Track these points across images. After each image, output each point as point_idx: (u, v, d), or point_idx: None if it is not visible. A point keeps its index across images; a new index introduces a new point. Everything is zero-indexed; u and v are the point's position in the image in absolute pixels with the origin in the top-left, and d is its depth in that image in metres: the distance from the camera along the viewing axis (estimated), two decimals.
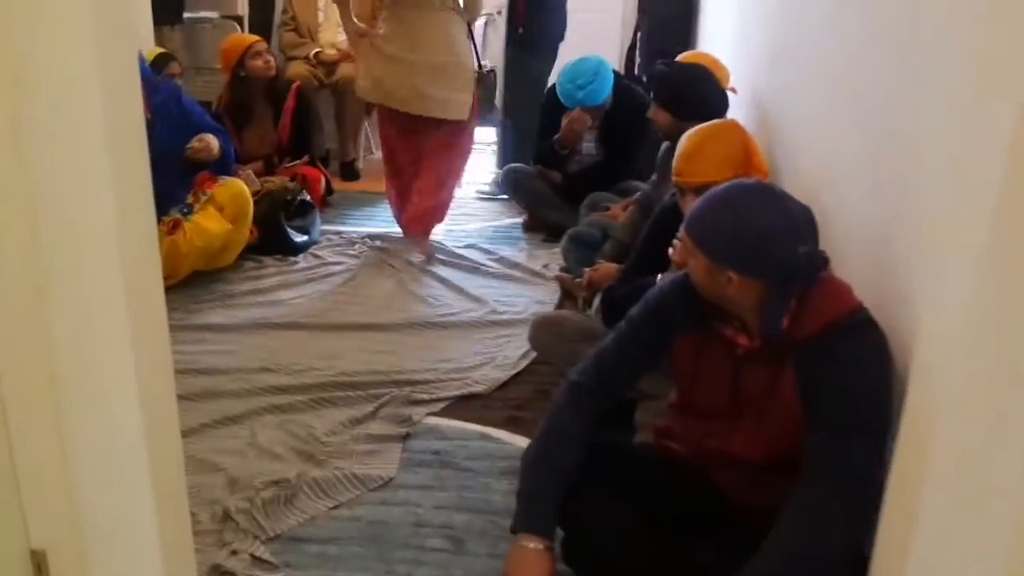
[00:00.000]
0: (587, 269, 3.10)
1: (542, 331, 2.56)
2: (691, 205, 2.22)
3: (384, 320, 3.13)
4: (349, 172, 5.06)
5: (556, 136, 3.97)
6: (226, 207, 3.42)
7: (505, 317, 3.20)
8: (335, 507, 2.09)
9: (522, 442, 2.40)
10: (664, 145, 3.15)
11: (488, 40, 5.38)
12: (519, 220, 4.33)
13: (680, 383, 1.82)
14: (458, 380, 2.71)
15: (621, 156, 3.98)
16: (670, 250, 2.27)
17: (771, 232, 1.51)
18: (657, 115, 2.83)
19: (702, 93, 2.80)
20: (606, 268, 3.06)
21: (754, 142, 2.31)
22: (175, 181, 3.34)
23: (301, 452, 2.29)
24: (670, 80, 2.81)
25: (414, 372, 2.75)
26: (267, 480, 2.12)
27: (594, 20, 5.55)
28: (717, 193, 1.61)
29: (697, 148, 2.23)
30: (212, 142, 3.41)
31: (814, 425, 1.53)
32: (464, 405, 2.61)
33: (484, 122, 4.39)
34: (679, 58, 3.40)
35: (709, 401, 1.75)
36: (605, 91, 3.85)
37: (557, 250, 3.89)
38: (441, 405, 2.58)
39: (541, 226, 4.18)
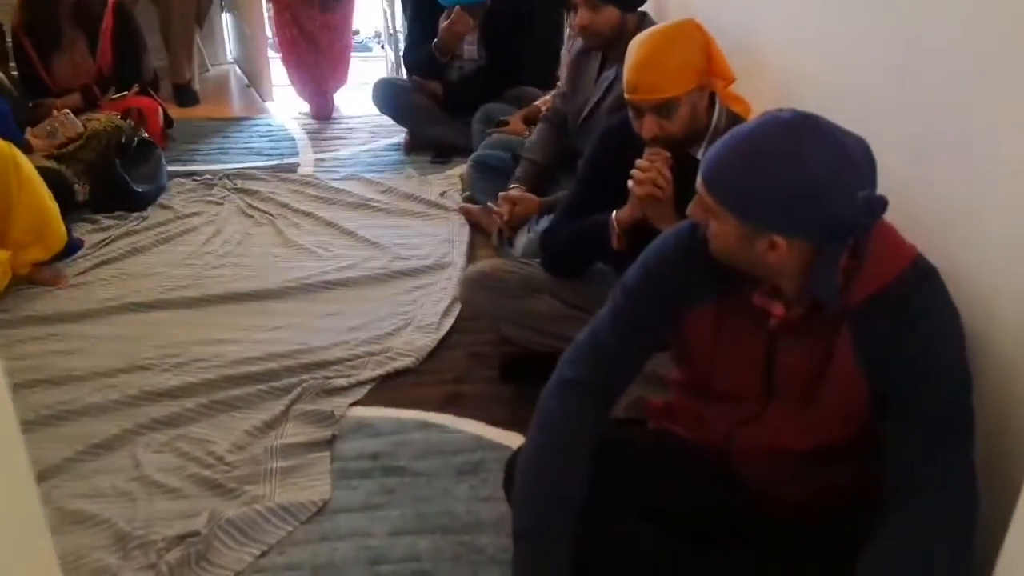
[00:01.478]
0: (502, 196, 2.68)
1: (477, 290, 2.14)
2: (649, 126, 1.86)
3: (270, 284, 2.61)
4: (186, 96, 4.34)
5: (434, 41, 3.44)
6: None
7: (412, 264, 2.75)
8: (263, 554, 1.65)
9: (470, 427, 2.02)
10: (575, 47, 2.72)
11: None
12: (397, 140, 3.81)
13: (692, 362, 1.48)
14: (378, 354, 2.27)
15: (509, 58, 3.52)
16: (630, 183, 1.88)
17: (828, 180, 1.16)
18: (597, 16, 2.40)
19: None
20: (525, 199, 2.66)
21: (715, 43, 1.92)
22: None
23: (204, 481, 1.82)
24: None
25: (322, 350, 2.28)
26: (170, 536, 1.65)
27: None
28: (745, 136, 1.22)
29: (653, 57, 1.83)
30: None
31: (890, 410, 1.26)
32: (391, 386, 2.18)
33: None
34: None
35: (734, 383, 1.43)
36: None
37: (451, 172, 3.45)
38: (364, 390, 2.14)
39: (424, 145, 3.69)
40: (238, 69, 4.92)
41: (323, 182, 3.33)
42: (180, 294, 2.56)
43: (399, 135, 3.82)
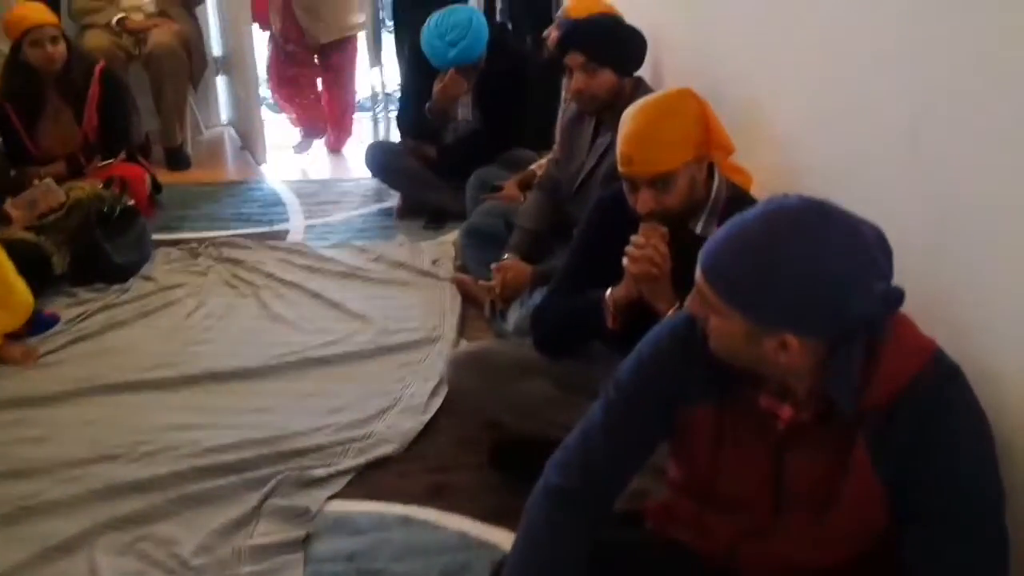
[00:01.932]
0: (495, 267, 2.57)
1: (465, 373, 2.01)
2: (645, 200, 1.76)
3: (252, 362, 2.48)
4: (177, 160, 4.26)
5: (427, 104, 3.36)
6: None
7: (400, 338, 2.62)
8: None
9: (455, 523, 1.89)
10: (569, 111, 2.64)
11: None
12: (391, 205, 3.72)
13: (692, 464, 1.34)
14: (359, 440, 2.13)
15: (503, 121, 3.43)
16: (625, 260, 1.77)
17: (844, 274, 1.05)
18: (593, 80, 2.31)
19: (638, 45, 2.33)
20: (517, 268, 2.54)
21: (713, 112, 1.83)
22: None
23: None
24: (607, 33, 2.33)
25: (302, 435, 2.15)
26: None
27: None
28: (750, 225, 1.11)
29: (648, 128, 1.73)
30: None
31: (914, 528, 1.13)
32: (373, 475, 2.04)
33: None
34: (572, 3, 2.88)
35: (738, 491, 1.30)
36: (480, 46, 3.26)
37: (444, 239, 3.34)
38: (344, 481, 2.01)
39: (417, 210, 3.59)
40: (233, 131, 4.87)
41: (312, 250, 3.22)
42: (157, 374, 2.43)
43: (393, 199, 3.72)
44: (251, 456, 2.05)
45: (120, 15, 4.12)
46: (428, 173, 3.51)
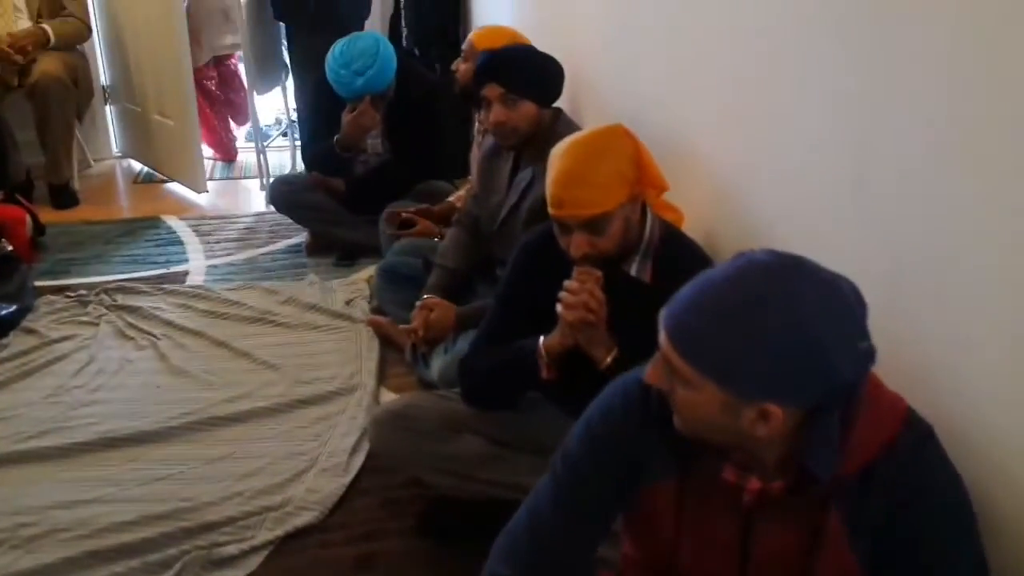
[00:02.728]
0: (418, 307, 2.42)
1: (388, 432, 1.86)
2: (578, 244, 1.66)
3: (150, 423, 2.26)
4: (63, 197, 3.96)
5: (336, 137, 3.19)
6: None
7: (315, 389, 2.45)
8: None
9: None
10: (486, 145, 2.53)
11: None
12: (299, 240, 3.53)
13: (650, 541, 1.24)
14: (276, 509, 1.95)
15: (415, 151, 3.29)
16: (558, 307, 1.66)
17: (829, 335, 0.97)
18: (513, 112, 2.20)
19: (557, 74, 2.24)
20: (441, 308, 2.41)
21: (645, 149, 1.74)
22: None
23: None
24: (526, 63, 2.23)
25: (210, 506, 1.95)
26: None
27: None
28: (721, 286, 1.01)
29: (580, 169, 1.63)
30: None
31: None
32: (292, 548, 1.87)
33: None
34: (479, 33, 2.78)
35: (702, 567, 1.20)
36: (388, 74, 3.12)
37: (357, 276, 3.18)
38: (260, 558, 1.82)
39: (328, 247, 3.41)
40: (130, 163, 4.58)
41: (215, 293, 3.01)
42: (40, 443, 2.18)
43: (301, 234, 3.54)
44: (153, 535, 1.85)
45: None
46: (337, 208, 3.34)
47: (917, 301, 1.25)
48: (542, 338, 1.74)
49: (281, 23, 4.22)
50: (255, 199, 4.09)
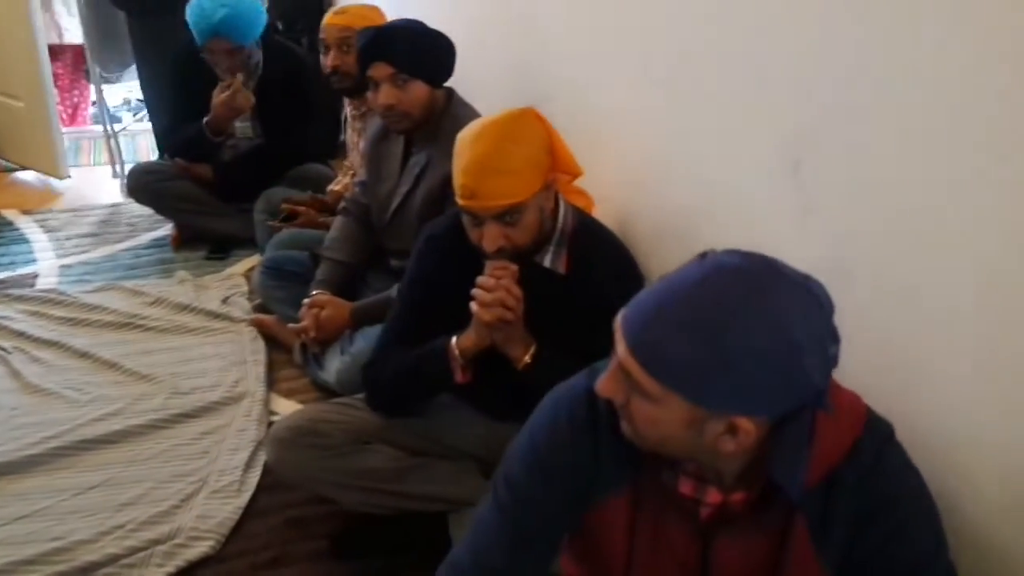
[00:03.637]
0: (305, 304, 2.24)
1: (291, 452, 1.69)
2: (492, 236, 1.55)
3: (6, 454, 2.00)
4: None
5: (204, 119, 2.93)
6: None
7: (195, 399, 2.23)
8: None
9: None
10: (372, 129, 2.36)
11: None
12: (164, 234, 3.24)
13: (598, 562, 1.15)
14: (164, 541, 1.76)
15: (286, 132, 3.07)
16: (472, 305, 1.55)
17: (804, 340, 0.90)
18: (404, 94, 2.05)
19: (448, 52, 2.10)
20: (333, 305, 2.24)
21: (557, 134, 1.64)
22: None
23: None
24: (416, 40, 2.05)
25: (86, 545, 1.74)
26: None
27: None
28: (687, 292, 0.93)
29: (492, 156, 1.52)
30: None
31: None
32: None
33: None
34: (343, 9, 2.59)
35: None
36: (252, 21, 2.86)
37: (232, 271, 2.96)
38: None
39: (196, 239, 3.15)
40: None
41: (71, 297, 2.70)
42: None
43: (165, 227, 3.25)
44: None
45: None
46: (205, 196, 3.09)
47: (870, 294, 1.20)
48: (454, 338, 1.62)
49: None
50: (107, 189, 3.73)
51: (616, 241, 1.71)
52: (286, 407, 2.24)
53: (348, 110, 2.80)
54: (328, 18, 2.56)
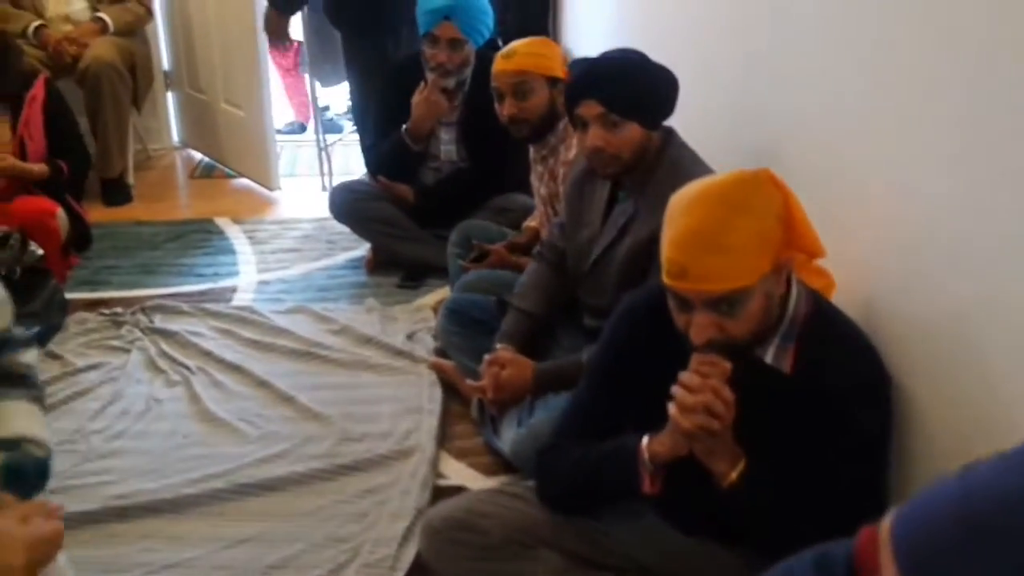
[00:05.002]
0: (486, 360, 2.02)
1: (445, 547, 1.47)
2: (703, 326, 1.25)
3: (169, 488, 1.92)
4: (116, 193, 3.69)
5: (404, 126, 2.82)
6: None
7: (364, 449, 2.07)
8: None
9: None
10: (577, 167, 2.10)
11: None
12: (360, 254, 3.16)
13: None
14: None
15: (493, 158, 2.90)
16: (671, 407, 1.26)
17: None
18: (615, 136, 1.79)
19: (669, 88, 1.82)
20: (516, 365, 2.01)
21: (796, 201, 1.31)
22: None
23: None
24: (633, 76, 1.79)
25: None
26: None
27: None
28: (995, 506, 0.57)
29: (714, 229, 1.23)
30: None
31: None
32: None
33: None
34: (511, 51, 2.35)
35: None
36: (484, 25, 2.80)
37: (422, 302, 2.81)
38: None
39: (391, 263, 3.03)
40: (193, 154, 4.31)
41: (262, 317, 2.66)
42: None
43: (362, 247, 3.17)
44: None
45: (37, 23, 3.54)
46: (404, 221, 2.97)
47: None
48: (646, 438, 1.33)
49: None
50: (317, 202, 3.73)
51: (860, 337, 1.35)
52: (456, 470, 2.03)
53: (531, 154, 2.57)
54: (497, 63, 2.34)
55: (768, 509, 1.29)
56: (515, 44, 2.36)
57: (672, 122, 1.89)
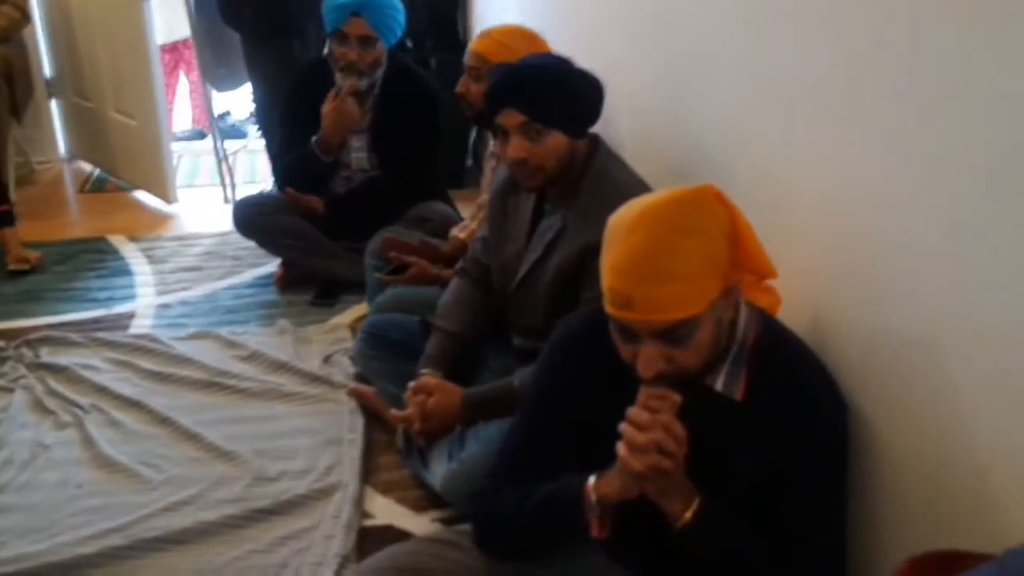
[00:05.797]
0: (411, 388, 1.88)
1: None
2: (650, 359, 1.15)
3: (58, 550, 1.70)
4: None
5: (314, 138, 2.65)
6: None
7: (280, 490, 1.90)
8: None
9: None
10: (499, 178, 1.98)
11: None
12: (269, 271, 2.97)
13: None
14: None
15: (407, 168, 2.76)
16: (619, 446, 1.16)
17: None
18: (538, 146, 1.68)
19: (595, 96, 1.72)
20: (443, 392, 1.87)
21: (743, 218, 1.21)
22: None
23: None
24: (556, 83, 1.67)
25: None
26: None
27: None
28: None
29: (658, 255, 1.13)
30: None
31: None
32: None
33: None
34: (490, 40, 2.22)
35: None
36: (395, 23, 2.68)
37: (337, 321, 2.65)
38: None
39: (303, 280, 2.86)
40: (83, 165, 4.01)
41: (163, 345, 2.44)
42: None
43: (271, 263, 2.98)
44: None
45: None
46: (315, 234, 2.80)
47: None
48: (592, 479, 1.22)
49: None
50: (218, 215, 3.51)
51: (810, 357, 1.28)
52: (383, 507, 1.88)
53: (491, 147, 2.44)
54: (472, 41, 2.24)
55: (724, 548, 1.21)
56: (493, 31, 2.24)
57: (596, 129, 1.79)
